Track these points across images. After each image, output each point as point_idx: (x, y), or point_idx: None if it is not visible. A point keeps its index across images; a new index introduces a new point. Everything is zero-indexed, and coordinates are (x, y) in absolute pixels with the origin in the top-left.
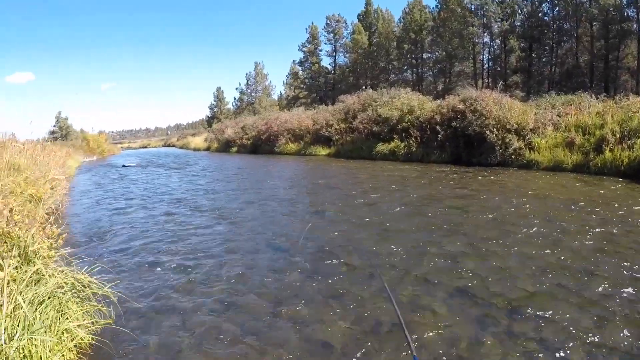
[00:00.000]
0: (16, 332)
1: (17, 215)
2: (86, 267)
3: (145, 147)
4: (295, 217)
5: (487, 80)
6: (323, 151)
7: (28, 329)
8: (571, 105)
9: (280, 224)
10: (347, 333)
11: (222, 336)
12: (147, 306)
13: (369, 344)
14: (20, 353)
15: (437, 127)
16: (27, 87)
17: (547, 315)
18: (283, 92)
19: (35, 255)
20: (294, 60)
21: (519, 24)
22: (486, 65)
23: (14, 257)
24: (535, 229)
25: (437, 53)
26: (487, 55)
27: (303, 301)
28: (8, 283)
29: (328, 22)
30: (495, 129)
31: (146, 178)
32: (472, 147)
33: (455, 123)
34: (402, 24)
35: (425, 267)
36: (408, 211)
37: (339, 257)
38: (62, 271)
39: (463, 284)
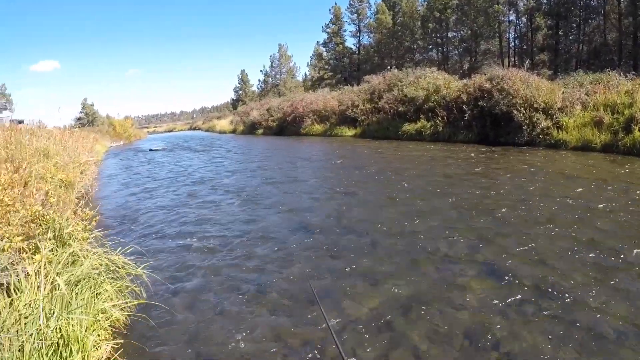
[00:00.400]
0: (53, 313)
1: (52, 198)
2: (120, 249)
3: (171, 131)
4: (325, 197)
5: (513, 59)
6: (349, 132)
7: (65, 309)
8: (599, 83)
9: (310, 205)
10: (376, 309)
11: (252, 315)
12: (178, 285)
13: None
14: (57, 333)
15: (464, 106)
16: (52, 75)
17: (576, 296)
18: (307, 73)
19: (70, 237)
20: (318, 42)
21: (545, 1)
22: (512, 44)
23: (49, 239)
24: (563, 208)
25: (462, 32)
26: (513, 33)
27: (334, 277)
28: (45, 265)
29: (351, 2)
30: (522, 108)
31: (173, 161)
32: (499, 127)
33: (482, 102)
34: (426, 2)
35: (453, 245)
36: (436, 191)
37: (366, 235)
38: (97, 252)
39: (491, 262)
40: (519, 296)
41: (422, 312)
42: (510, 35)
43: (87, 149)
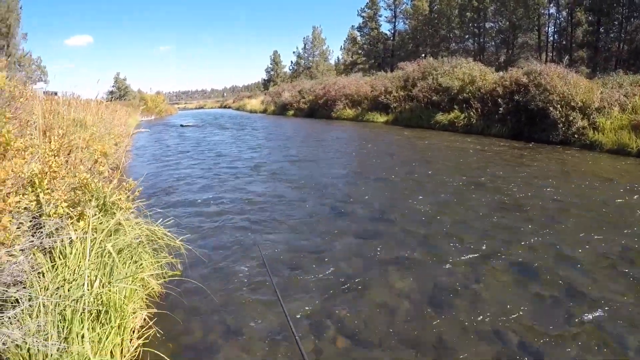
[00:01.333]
0: (96, 279)
1: (102, 167)
2: (160, 220)
3: (201, 108)
4: (353, 181)
5: (551, 54)
6: (381, 118)
7: (108, 277)
8: None
9: (341, 188)
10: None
11: (286, 292)
12: (213, 259)
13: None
14: (98, 299)
15: (499, 99)
16: (86, 49)
17: (606, 302)
18: (340, 57)
19: (114, 206)
20: (352, 26)
21: None
22: (551, 38)
23: (94, 207)
24: (595, 212)
25: (500, 23)
26: (553, 27)
27: (361, 263)
28: (90, 232)
29: None
30: (559, 106)
31: (204, 137)
32: (534, 123)
33: (517, 97)
34: None
35: (485, 240)
36: (466, 183)
37: (393, 222)
38: (138, 223)
39: (521, 261)
40: (545, 296)
41: (446, 304)
42: (549, 29)
43: (122, 122)
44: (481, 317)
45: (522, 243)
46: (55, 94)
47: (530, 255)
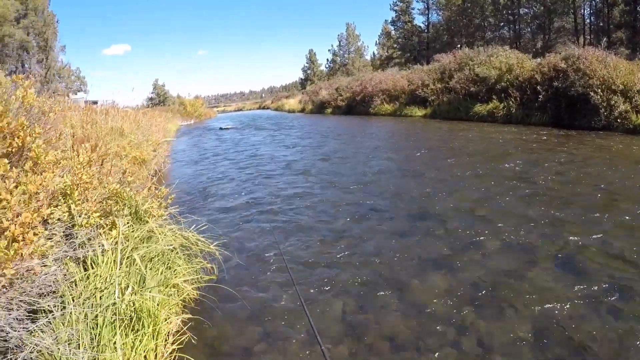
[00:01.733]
0: (128, 287)
1: (130, 177)
2: (194, 226)
3: (240, 110)
4: (392, 176)
5: (588, 37)
6: (419, 112)
7: (140, 284)
8: None
9: (378, 185)
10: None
11: (321, 297)
12: (249, 264)
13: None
14: (130, 307)
15: (538, 87)
16: (124, 58)
17: None
18: (376, 52)
19: (146, 214)
20: (386, 20)
21: None
22: (587, 21)
23: (126, 216)
24: None
25: (534, 8)
26: (588, 9)
27: (399, 261)
28: (121, 241)
29: None
30: (599, 90)
31: (242, 139)
32: (574, 109)
33: (556, 83)
34: None
35: (529, 234)
36: (508, 175)
37: (434, 218)
38: (171, 229)
39: (568, 257)
40: (592, 290)
41: (491, 302)
42: (585, 11)
43: (160, 128)
44: (524, 318)
45: (570, 237)
46: (96, 102)
47: (579, 250)
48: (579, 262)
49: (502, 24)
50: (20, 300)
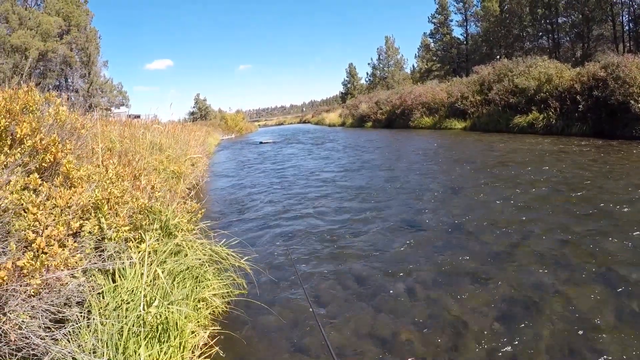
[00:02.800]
0: (155, 300)
1: (158, 192)
2: (224, 240)
3: (281, 124)
4: (431, 190)
5: (628, 44)
6: (458, 124)
7: (166, 298)
8: None
9: (416, 198)
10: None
11: (351, 313)
12: (281, 280)
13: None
14: (157, 319)
15: (577, 97)
16: (166, 72)
17: None
18: (415, 65)
19: (176, 228)
20: (424, 33)
21: None
22: (627, 28)
23: (156, 230)
24: None
25: (572, 16)
26: (627, 16)
27: (432, 275)
28: (149, 254)
29: None
30: None
31: (282, 154)
32: (615, 119)
33: (596, 92)
34: None
35: (568, 250)
36: (549, 188)
37: (472, 234)
38: (202, 244)
39: (609, 274)
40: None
41: (526, 318)
42: (623, 18)
43: (199, 142)
44: (559, 336)
45: (612, 255)
46: (138, 117)
47: (621, 269)
48: (621, 280)
49: (540, 33)
50: (46, 310)
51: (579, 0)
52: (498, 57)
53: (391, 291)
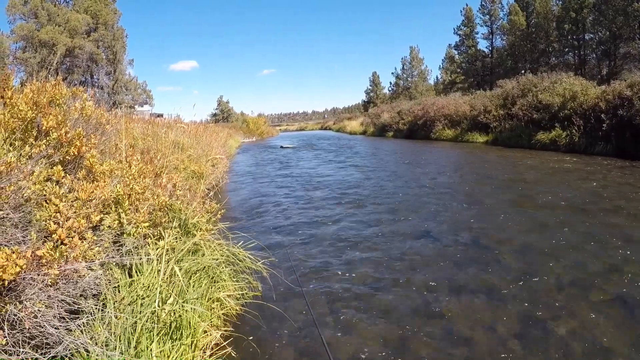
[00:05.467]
0: (170, 297)
1: (179, 191)
2: (242, 242)
3: (302, 129)
4: (450, 205)
5: None
6: (480, 138)
7: (181, 296)
8: None
9: (433, 212)
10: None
11: (365, 323)
12: (296, 284)
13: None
14: (170, 317)
15: (602, 115)
16: (191, 73)
17: None
18: (439, 76)
19: (195, 227)
20: (449, 44)
21: None
22: None
23: (175, 228)
24: None
25: (600, 33)
26: None
27: (447, 291)
28: (167, 251)
29: (483, 3)
30: None
31: (303, 160)
32: (639, 139)
33: (621, 111)
34: (561, 2)
35: (584, 269)
36: (570, 209)
37: (488, 250)
38: (220, 244)
39: (626, 297)
40: None
41: (539, 339)
42: None
43: (220, 144)
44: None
45: (630, 277)
46: (161, 115)
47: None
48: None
49: (566, 49)
50: (62, 300)
51: (606, 17)
52: (523, 71)
53: (406, 302)
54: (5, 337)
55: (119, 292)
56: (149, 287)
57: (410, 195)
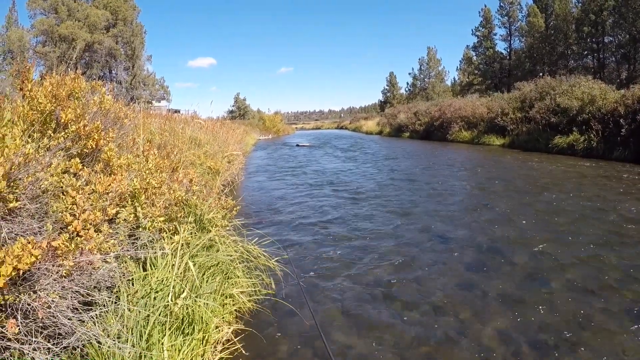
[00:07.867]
0: (183, 292)
1: (196, 186)
2: (256, 239)
3: (319, 128)
4: (464, 208)
5: None
6: (497, 141)
7: (195, 291)
8: None
9: (443, 217)
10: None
11: (375, 323)
12: (309, 283)
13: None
14: (183, 311)
15: (621, 120)
16: (208, 70)
17: None
18: (456, 77)
19: (210, 223)
20: (467, 45)
21: None
22: None
23: (190, 223)
24: None
25: (619, 36)
26: None
27: (459, 297)
28: (182, 246)
29: (502, 4)
30: None
31: (319, 158)
32: None
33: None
34: (580, 4)
35: (598, 277)
36: (584, 214)
37: (503, 255)
38: (234, 240)
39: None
40: None
41: (552, 352)
42: None
43: (236, 140)
44: None
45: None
46: (178, 111)
47: None
48: None
49: (585, 52)
50: (76, 291)
51: (626, 19)
52: (541, 74)
53: (417, 305)
54: (18, 326)
55: (132, 285)
56: (162, 281)
57: (430, 198)
